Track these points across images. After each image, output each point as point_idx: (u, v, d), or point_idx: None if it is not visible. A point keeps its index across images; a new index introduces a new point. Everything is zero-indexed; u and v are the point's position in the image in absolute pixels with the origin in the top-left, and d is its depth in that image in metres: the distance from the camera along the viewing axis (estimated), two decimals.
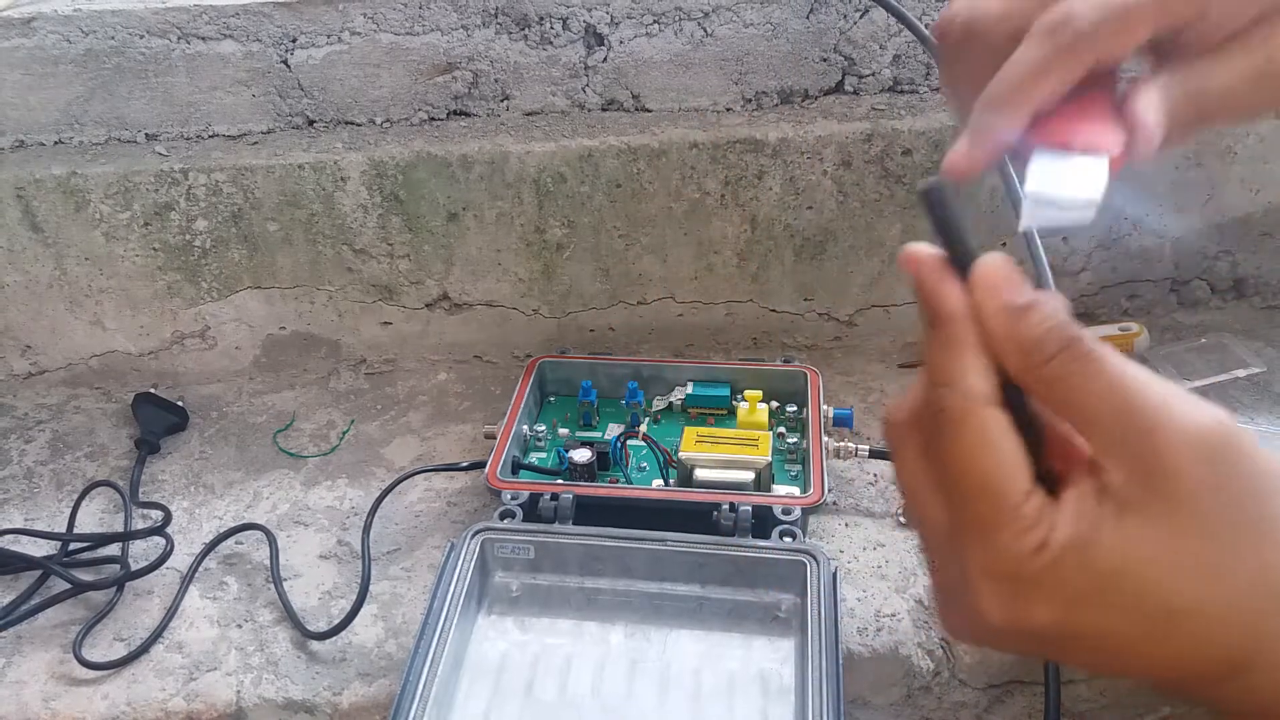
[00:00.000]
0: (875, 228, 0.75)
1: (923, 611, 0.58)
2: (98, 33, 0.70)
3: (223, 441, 0.75)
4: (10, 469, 0.73)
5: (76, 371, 0.81)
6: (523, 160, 0.72)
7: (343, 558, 0.64)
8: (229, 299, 0.77)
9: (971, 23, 0.39)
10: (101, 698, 0.56)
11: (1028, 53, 0.35)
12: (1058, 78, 0.35)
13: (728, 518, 0.58)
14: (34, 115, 0.74)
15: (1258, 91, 0.37)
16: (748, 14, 0.72)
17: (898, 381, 0.77)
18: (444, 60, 0.73)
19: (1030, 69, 0.35)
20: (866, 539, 0.63)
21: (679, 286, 0.78)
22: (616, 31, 0.72)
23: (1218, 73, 0.36)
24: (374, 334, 0.80)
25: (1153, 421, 0.29)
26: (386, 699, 0.55)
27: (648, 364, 0.73)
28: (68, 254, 0.75)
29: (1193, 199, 0.76)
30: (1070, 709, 0.60)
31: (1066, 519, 0.30)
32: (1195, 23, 0.36)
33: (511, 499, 0.60)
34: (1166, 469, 0.29)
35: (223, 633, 0.59)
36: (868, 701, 0.58)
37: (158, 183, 0.72)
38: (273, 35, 0.71)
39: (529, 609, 0.58)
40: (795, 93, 0.75)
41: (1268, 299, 0.82)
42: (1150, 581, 0.29)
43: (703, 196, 0.74)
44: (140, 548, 0.65)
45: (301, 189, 0.73)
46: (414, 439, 0.74)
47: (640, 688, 0.53)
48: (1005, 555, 0.30)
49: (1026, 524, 0.30)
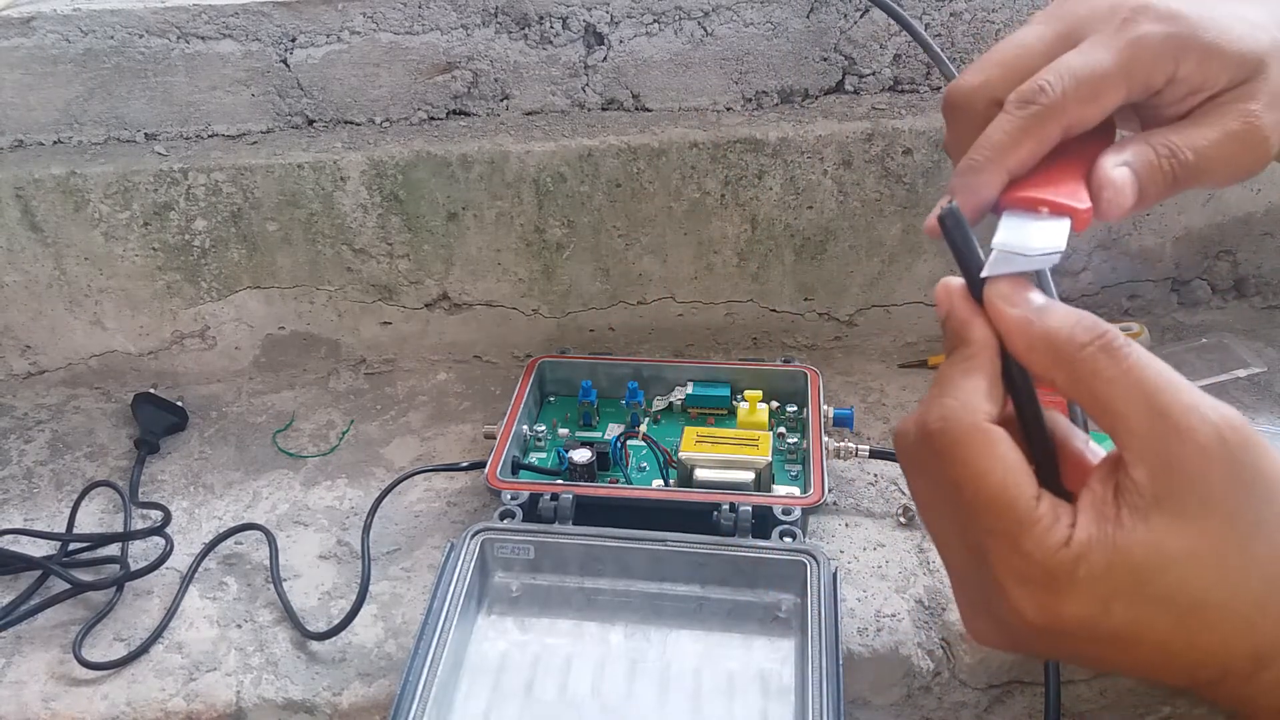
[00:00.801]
0: (875, 227, 0.75)
1: (923, 611, 0.58)
2: (97, 32, 0.70)
3: (222, 441, 0.75)
4: (10, 469, 0.73)
5: (76, 371, 0.81)
6: (522, 160, 0.72)
7: (342, 558, 0.64)
8: (228, 299, 0.77)
9: (954, 92, 0.41)
10: (101, 698, 0.56)
11: (1002, 124, 0.38)
12: (1030, 147, 0.37)
13: (728, 518, 0.58)
14: (33, 115, 0.74)
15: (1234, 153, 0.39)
16: (748, 13, 0.72)
17: (898, 381, 0.77)
18: (444, 60, 0.73)
19: (1004, 139, 0.37)
20: (866, 539, 0.63)
21: (679, 286, 0.78)
22: (616, 31, 0.72)
23: (1192, 136, 0.38)
24: (374, 334, 0.80)
25: (1183, 424, 0.30)
26: (386, 699, 0.55)
27: (648, 364, 0.73)
28: (67, 254, 0.75)
29: (1193, 199, 0.76)
30: (1070, 709, 0.60)
31: (1087, 517, 0.31)
32: (1166, 89, 0.38)
33: (511, 499, 0.60)
34: (1193, 470, 0.29)
35: (222, 633, 0.59)
36: (868, 701, 0.58)
37: (157, 182, 0.72)
38: (272, 35, 0.71)
39: (529, 609, 0.58)
40: (795, 92, 0.75)
41: (1268, 299, 0.82)
42: (1180, 576, 0.30)
43: (703, 196, 0.73)
44: (140, 548, 0.65)
45: (301, 189, 0.73)
46: (414, 439, 0.74)
47: (640, 688, 0.53)
48: (1032, 556, 0.30)
49: (1045, 524, 0.30)
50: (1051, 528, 0.30)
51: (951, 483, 0.32)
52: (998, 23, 0.73)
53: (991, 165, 0.38)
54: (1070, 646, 0.32)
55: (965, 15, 0.72)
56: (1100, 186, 0.37)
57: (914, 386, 0.76)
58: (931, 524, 0.35)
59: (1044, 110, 0.37)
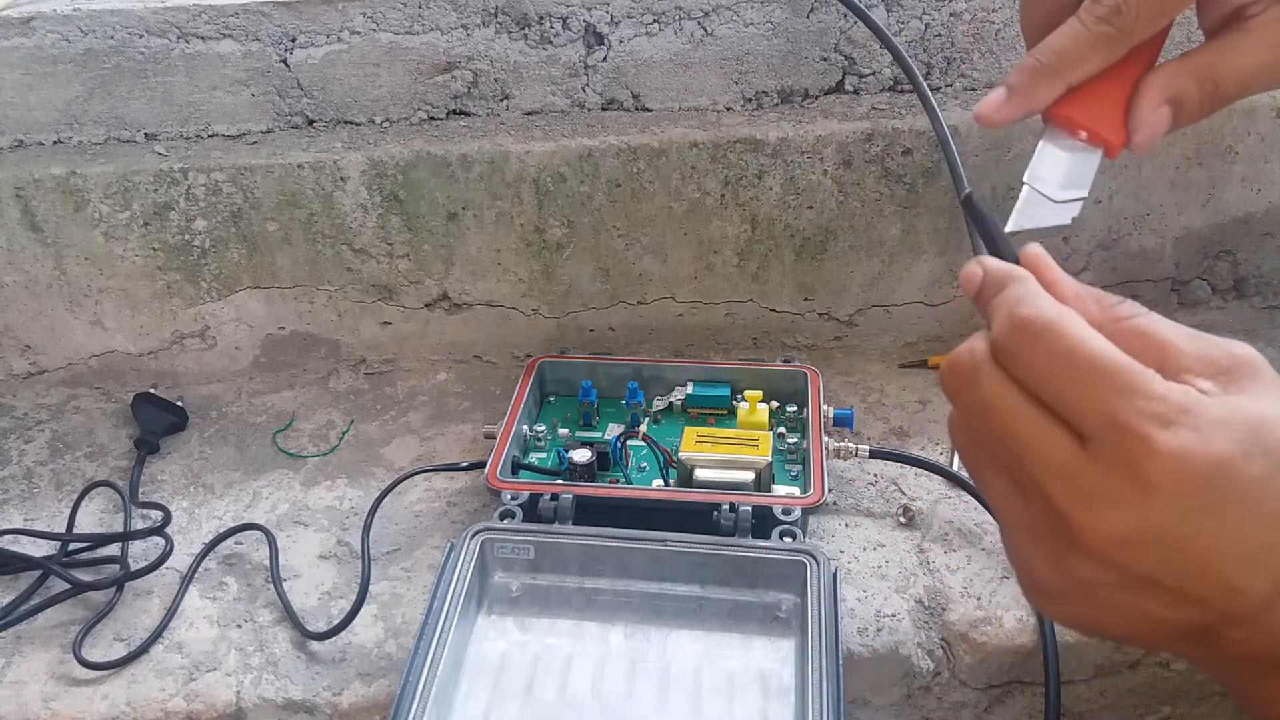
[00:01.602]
0: (875, 227, 0.75)
1: (923, 611, 0.58)
2: (97, 32, 0.70)
3: (222, 442, 0.75)
4: (10, 469, 0.73)
5: (76, 371, 0.81)
6: (522, 160, 0.72)
7: (342, 558, 0.64)
8: (228, 299, 0.77)
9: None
10: (101, 698, 0.56)
11: (1075, 33, 0.40)
12: (1095, 64, 0.40)
13: (728, 518, 0.58)
14: (33, 115, 0.74)
15: (1273, 70, 0.41)
16: (748, 13, 0.72)
17: (898, 381, 0.77)
18: (443, 60, 0.73)
19: (1073, 51, 0.40)
20: (866, 539, 0.63)
21: (679, 286, 0.78)
22: (616, 31, 0.72)
23: (1236, 59, 0.41)
24: (374, 334, 0.80)
25: (1227, 341, 0.32)
26: (386, 699, 0.55)
27: (648, 364, 0.73)
28: (67, 254, 0.75)
29: (1193, 199, 0.76)
30: (1070, 709, 0.60)
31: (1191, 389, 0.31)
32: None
33: (511, 499, 0.60)
34: (1248, 368, 0.31)
35: (222, 633, 0.59)
36: (868, 701, 0.58)
37: (157, 182, 0.72)
38: (272, 35, 0.71)
39: (529, 609, 0.58)
40: (795, 92, 0.75)
41: (1268, 299, 0.82)
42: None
43: (703, 196, 0.73)
44: (140, 548, 0.65)
45: (301, 189, 0.73)
46: (414, 439, 0.74)
47: (640, 688, 0.53)
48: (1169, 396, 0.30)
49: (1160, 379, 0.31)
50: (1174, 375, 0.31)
51: (1049, 368, 0.31)
52: (998, 23, 0.73)
53: (1054, 76, 0.40)
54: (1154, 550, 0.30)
55: (965, 15, 0.72)
56: (1137, 128, 0.40)
57: (914, 386, 0.76)
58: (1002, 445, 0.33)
59: (1117, 34, 0.39)
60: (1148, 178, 0.75)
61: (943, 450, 0.69)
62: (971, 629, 0.57)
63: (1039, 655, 0.56)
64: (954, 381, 0.34)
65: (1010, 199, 0.74)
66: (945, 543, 0.62)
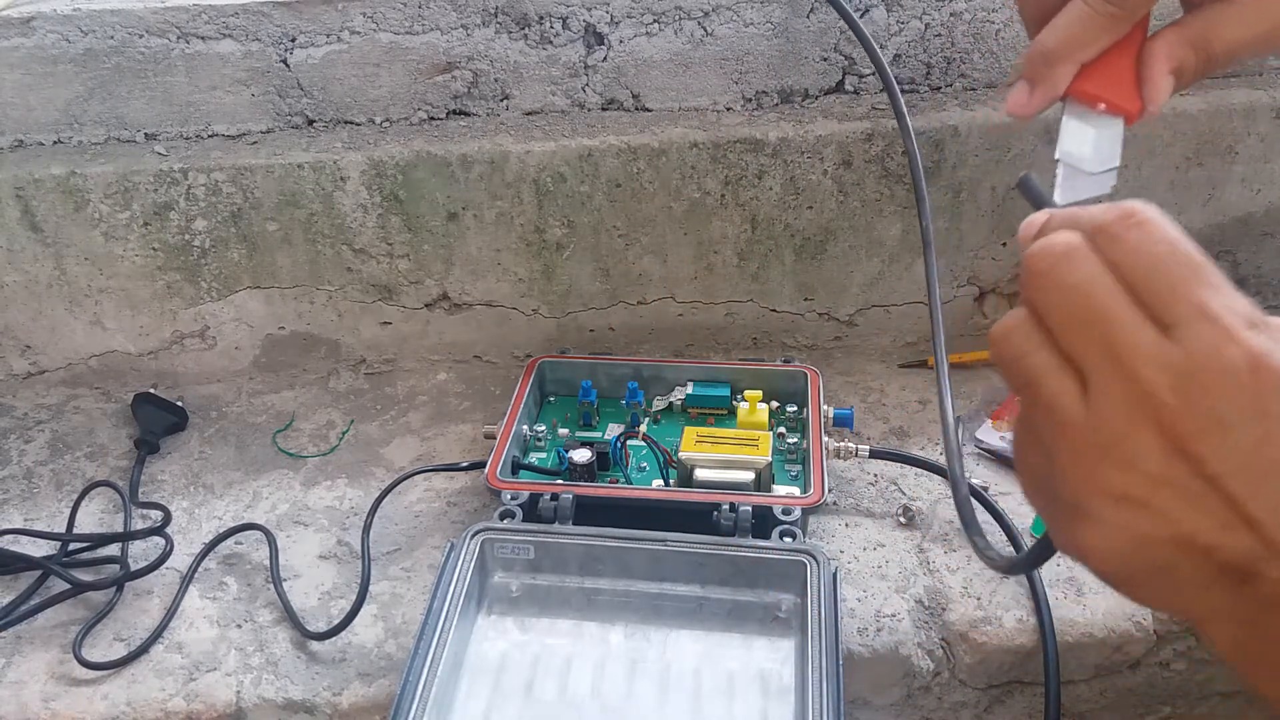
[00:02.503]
0: (875, 227, 0.75)
1: (923, 611, 0.58)
2: (97, 32, 0.70)
3: (222, 442, 0.75)
4: (10, 469, 0.73)
5: (76, 371, 0.81)
6: (522, 160, 0.72)
7: (342, 558, 0.64)
8: (228, 299, 0.77)
9: None
10: (101, 698, 0.56)
11: (1081, 15, 0.43)
12: (1103, 43, 0.43)
13: (728, 518, 0.58)
14: (33, 115, 0.74)
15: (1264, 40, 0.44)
16: (748, 13, 0.72)
17: (898, 381, 0.77)
18: (443, 60, 0.73)
19: (1081, 32, 0.43)
20: (866, 539, 0.63)
21: (679, 286, 0.78)
22: (616, 31, 0.72)
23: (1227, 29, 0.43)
24: (374, 334, 0.80)
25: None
26: (386, 699, 0.55)
27: (648, 364, 0.73)
28: (67, 254, 0.75)
29: (1193, 199, 0.76)
30: (1070, 709, 0.60)
31: None
32: None
33: (511, 499, 0.60)
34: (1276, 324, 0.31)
35: (222, 633, 0.59)
36: (868, 701, 0.58)
37: (157, 182, 0.72)
38: (272, 35, 0.71)
39: (529, 609, 0.58)
40: (795, 92, 0.75)
41: (1268, 299, 0.82)
42: None
43: (703, 196, 0.73)
44: (140, 548, 0.65)
45: (301, 189, 0.73)
46: (414, 439, 0.74)
47: (640, 688, 0.53)
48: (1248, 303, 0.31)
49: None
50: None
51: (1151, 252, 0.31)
52: (997, 23, 0.73)
53: (1068, 59, 0.44)
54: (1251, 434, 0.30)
55: (965, 15, 0.72)
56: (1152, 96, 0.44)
57: (914, 386, 0.76)
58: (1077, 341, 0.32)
59: (1121, 13, 0.42)
60: (1148, 178, 0.75)
61: (942, 450, 0.69)
62: (971, 629, 0.57)
63: (1039, 655, 0.56)
64: (1045, 261, 0.33)
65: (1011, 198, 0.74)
66: (945, 543, 0.62)
